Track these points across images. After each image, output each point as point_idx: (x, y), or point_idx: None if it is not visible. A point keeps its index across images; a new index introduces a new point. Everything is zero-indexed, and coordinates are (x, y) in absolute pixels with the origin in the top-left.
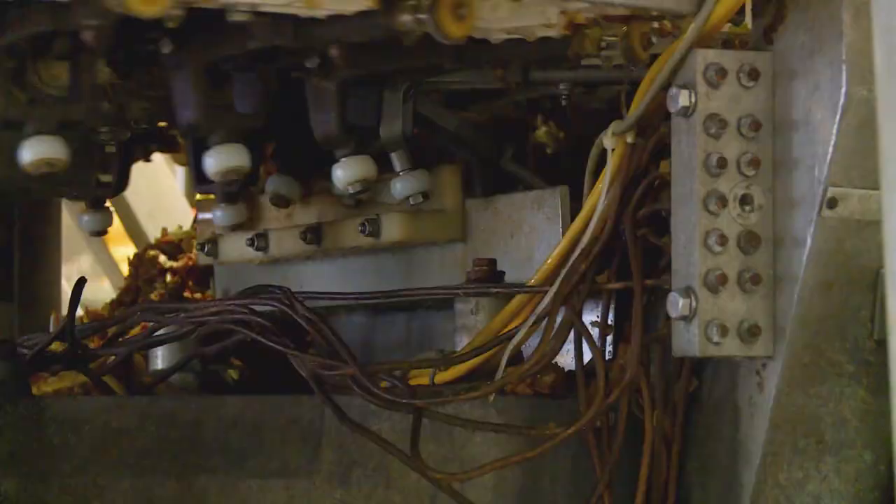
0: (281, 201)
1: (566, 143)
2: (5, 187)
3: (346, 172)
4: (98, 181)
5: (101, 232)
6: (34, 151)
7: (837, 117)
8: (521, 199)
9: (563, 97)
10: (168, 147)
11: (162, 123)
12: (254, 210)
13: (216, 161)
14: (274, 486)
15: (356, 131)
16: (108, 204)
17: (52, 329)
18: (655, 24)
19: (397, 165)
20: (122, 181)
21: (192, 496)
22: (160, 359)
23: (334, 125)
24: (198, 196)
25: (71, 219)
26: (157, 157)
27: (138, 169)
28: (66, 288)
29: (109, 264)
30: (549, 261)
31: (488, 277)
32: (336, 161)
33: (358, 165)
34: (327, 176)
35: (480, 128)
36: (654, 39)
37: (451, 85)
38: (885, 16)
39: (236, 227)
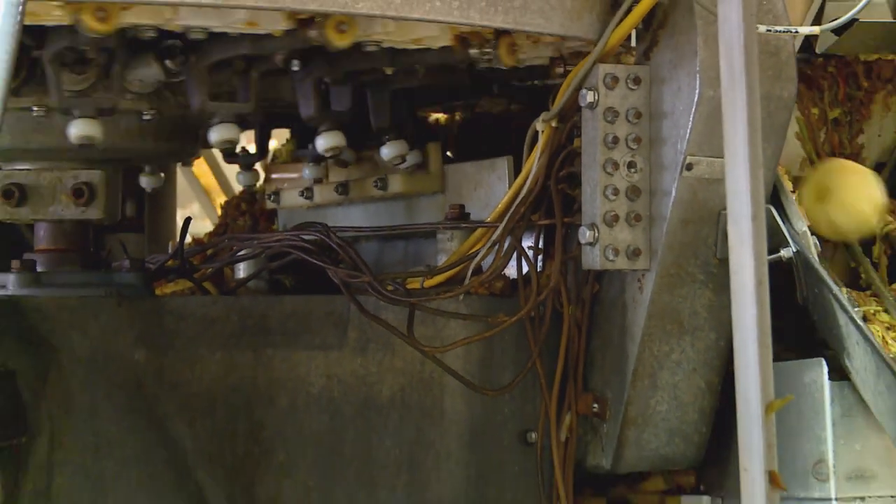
0: (342, 164)
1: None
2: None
3: (389, 150)
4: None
5: (252, 186)
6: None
7: (693, 110)
8: (481, 165)
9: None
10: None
11: None
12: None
13: (325, 141)
14: (316, 355)
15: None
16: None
17: (169, 251)
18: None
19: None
20: (263, 152)
21: (261, 363)
22: (241, 271)
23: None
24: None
25: (183, 177)
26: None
27: None
28: (180, 224)
29: (210, 209)
30: (499, 206)
31: (459, 217)
32: (383, 143)
33: (397, 146)
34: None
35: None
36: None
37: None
38: (726, 41)
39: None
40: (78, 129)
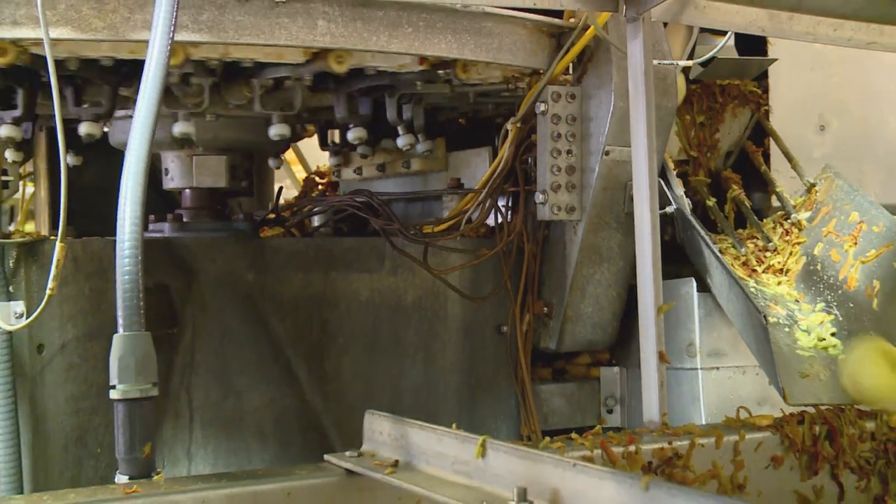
0: (362, 155)
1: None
2: (254, 146)
3: (403, 140)
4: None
5: (278, 166)
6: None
7: (609, 116)
8: (470, 152)
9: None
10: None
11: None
12: (353, 157)
13: (353, 134)
14: (363, 276)
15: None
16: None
17: (269, 209)
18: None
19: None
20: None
21: (328, 281)
22: (316, 220)
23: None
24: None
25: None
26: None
27: None
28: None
29: (296, 181)
30: (483, 178)
31: (457, 186)
32: (399, 135)
33: (408, 137)
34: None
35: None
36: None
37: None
38: (632, 70)
39: (345, 165)
40: (178, 127)
